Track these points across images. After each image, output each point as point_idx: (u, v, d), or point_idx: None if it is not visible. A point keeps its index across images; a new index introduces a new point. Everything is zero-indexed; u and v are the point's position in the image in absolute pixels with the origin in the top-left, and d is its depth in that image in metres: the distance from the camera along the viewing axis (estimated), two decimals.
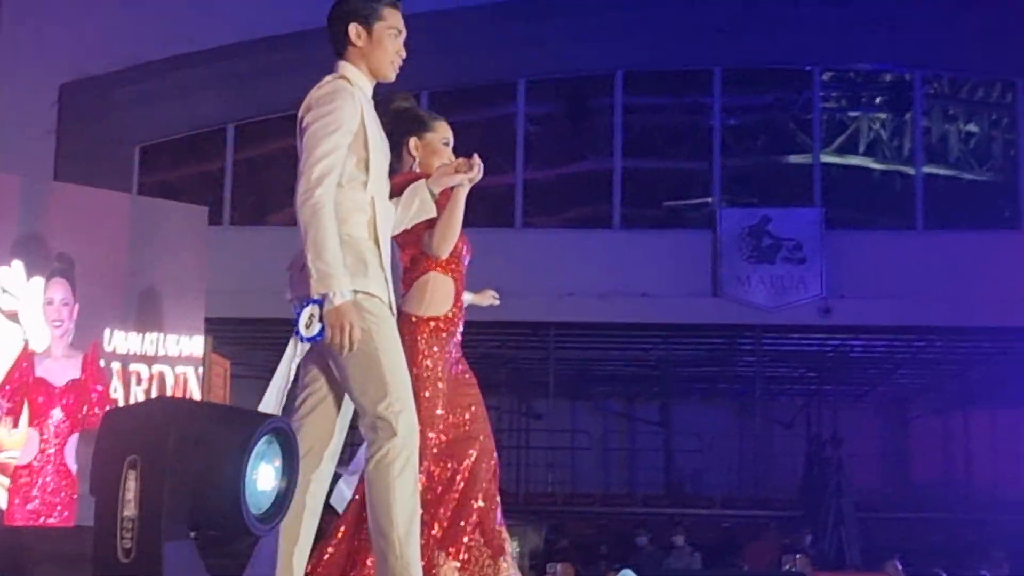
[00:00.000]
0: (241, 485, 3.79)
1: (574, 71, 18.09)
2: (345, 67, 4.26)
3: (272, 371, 4.32)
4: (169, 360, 7.95)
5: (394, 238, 4.43)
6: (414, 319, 4.60)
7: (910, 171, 17.91)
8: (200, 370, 8.11)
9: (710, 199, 17.45)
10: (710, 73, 17.71)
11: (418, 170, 4.68)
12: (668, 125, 18.51)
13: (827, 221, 17.16)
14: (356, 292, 4.03)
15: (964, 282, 16.80)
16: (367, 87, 4.28)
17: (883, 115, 18.46)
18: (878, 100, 18.52)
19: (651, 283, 16.89)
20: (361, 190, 4.17)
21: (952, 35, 17.40)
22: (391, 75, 4.33)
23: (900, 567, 11.84)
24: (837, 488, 15.96)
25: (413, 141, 4.73)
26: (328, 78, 4.21)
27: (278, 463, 4.01)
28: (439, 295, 4.68)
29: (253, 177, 18.58)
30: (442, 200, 4.52)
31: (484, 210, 18.59)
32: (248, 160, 18.57)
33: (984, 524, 16.74)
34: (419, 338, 4.58)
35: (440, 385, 4.64)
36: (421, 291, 4.64)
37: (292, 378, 4.27)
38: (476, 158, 4.52)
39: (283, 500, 4.02)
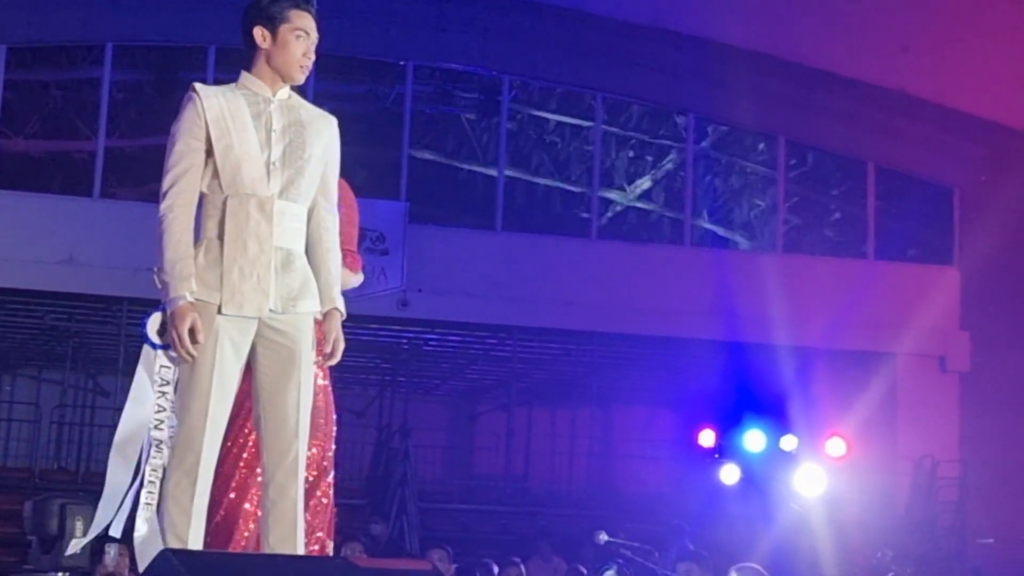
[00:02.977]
0: None
1: (164, 40, 17.60)
2: (241, 76, 4.35)
3: None
4: None
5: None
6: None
7: (493, 172, 18.48)
8: None
9: None
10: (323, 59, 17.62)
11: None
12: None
13: (411, 215, 17.45)
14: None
15: (536, 284, 17.51)
16: (264, 89, 4.30)
17: (472, 115, 18.95)
18: (468, 100, 18.99)
19: None
20: (219, 193, 4.20)
21: (540, 45, 18.10)
22: (298, 77, 4.33)
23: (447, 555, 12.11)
24: (403, 478, 16.26)
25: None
26: None
27: None
28: None
29: None
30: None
31: (63, 177, 17.82)
32: None
33: (538, 518, 17.49)
34: None
35: None
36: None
37: (161, 379, 4.25)
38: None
39: None
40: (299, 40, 4.31)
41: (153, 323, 4.14)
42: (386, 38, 17.73)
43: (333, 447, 4.94)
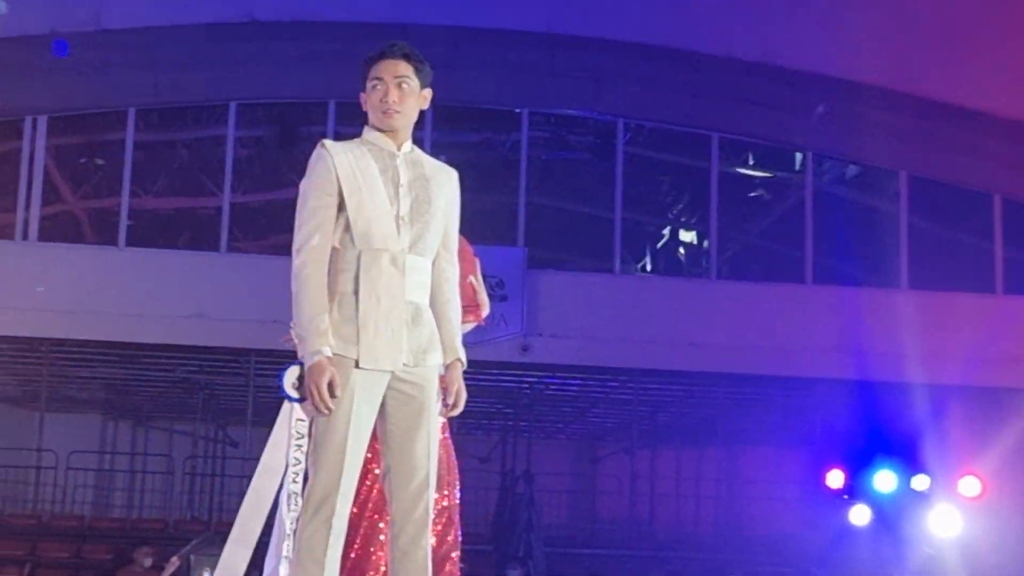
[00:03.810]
0: None
1: (285, 96, 17.96)
2: (365, 130, 4.43)
3: None
4: None
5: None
6: None
7: (610, 215, 18.47)
8: None
9: None
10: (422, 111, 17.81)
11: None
12: None
13: (529, 260, 17.52)
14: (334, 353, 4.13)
15: (657, 326, 17.44)
16: (388, 144, 4.38)
17: (587, 159, 18.99)
18: (583, 145, 19.03)
19: None
20: (351, 248, 4.25)
21: (654, 88, 18.10)
22: (385, 122, 4.37)
23: None
24: (528, 523, 16.25)
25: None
26: None
27: None
28: None
29: None
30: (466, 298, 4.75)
31: (191, 233, 18.24)
32: None
33: (664, 561, 17.34)
34: None
35: None
36: None
37: (297, 433, 4.41)
38: None
39: None
40: (375, 88, 4.37)
41: (290, 376, 4.20)
42: (500, 86, 17.90)
43: (459, 496, 4.97)
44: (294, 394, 4.18)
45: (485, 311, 5.25)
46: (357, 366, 4.18)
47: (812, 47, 17.51)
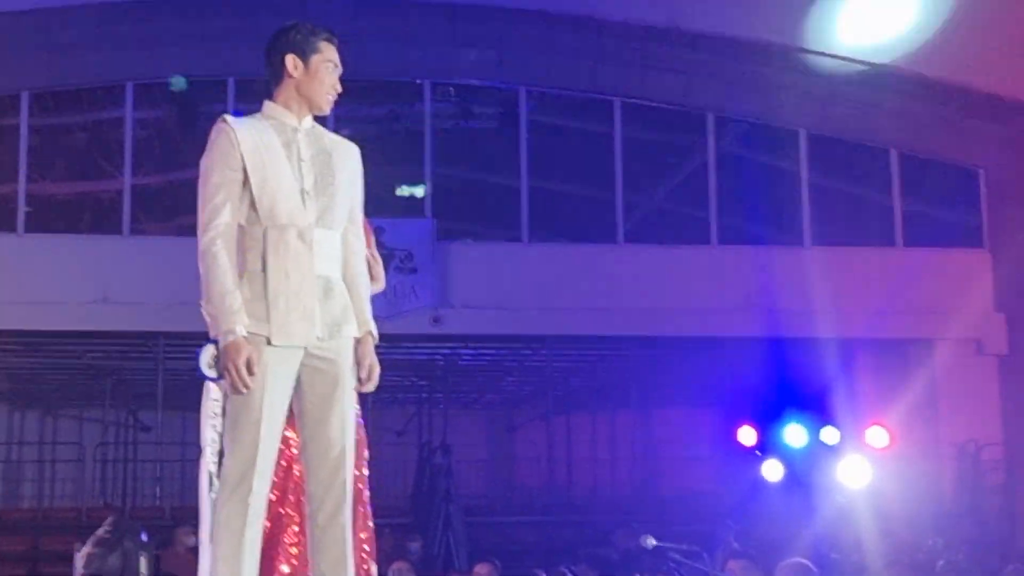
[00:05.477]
0: None
1: (183, 75, 17.71)
2: (265, 106, 4.37)
3: None
4: None
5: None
6: None
7: (516, 184, 18.48)
8: None
9: None
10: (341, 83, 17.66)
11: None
12: None
13: (438, 232, 17.49)
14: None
15: (567, 292, 17.52)
16: (291, 119, 4.32)
17: (492, 128, 18.98)
18: (487, 115, 19.01)
19: None
20: (257, 224, 4.20)
21: (555, 55, 18.12)
22: (326, 107, 4.38)
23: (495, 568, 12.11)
24: (446, 494, 16.28)
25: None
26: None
27: None
28: None
29: None
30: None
31: (92, 217, 17.96)
32: None
33: (582, 526, 17.47)
34: None
35: None
36: None
37: (213, 412, 4.38)
38: None
39: None
40: (329, 71, 4.37)
41: (205, 356, 4.17)
42: (401, 58, 17.79)
43: (367, 470, 4.96)
44: (211, 373, 4.16)
45: (381, 285, 5.29)
46: (269, 343, 4.15)
47: (710, 9, 17.60)
